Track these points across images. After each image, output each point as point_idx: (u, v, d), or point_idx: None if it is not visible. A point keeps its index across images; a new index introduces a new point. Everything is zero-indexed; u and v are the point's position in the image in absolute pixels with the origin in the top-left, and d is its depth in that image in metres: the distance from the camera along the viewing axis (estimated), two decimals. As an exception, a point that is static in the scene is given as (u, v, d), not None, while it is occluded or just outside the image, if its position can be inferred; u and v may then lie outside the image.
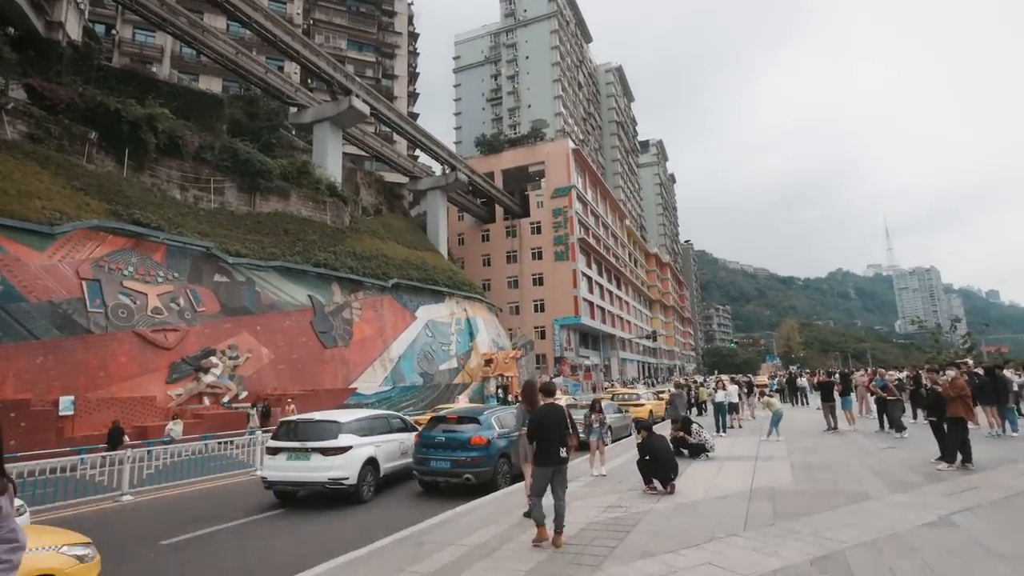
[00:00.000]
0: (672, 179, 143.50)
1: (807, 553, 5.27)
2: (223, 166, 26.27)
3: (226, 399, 20.59)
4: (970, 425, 9.28)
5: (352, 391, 25.84)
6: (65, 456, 12.85)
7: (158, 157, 23.92)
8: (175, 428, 16.01)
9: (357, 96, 34.62)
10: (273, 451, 9.59)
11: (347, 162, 39.86)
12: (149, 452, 11.65)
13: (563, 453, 5.91)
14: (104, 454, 11.80)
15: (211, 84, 39.11)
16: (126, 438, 14.69)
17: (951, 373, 9.58)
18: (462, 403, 23.23)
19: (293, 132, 37.98)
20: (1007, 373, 14.11)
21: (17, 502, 7.90)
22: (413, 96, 60.09)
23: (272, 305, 24.10)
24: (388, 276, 31.32)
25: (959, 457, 9.00)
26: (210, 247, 22.22)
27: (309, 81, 41.78)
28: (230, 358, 21.39)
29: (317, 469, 9.07)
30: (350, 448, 9.27)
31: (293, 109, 35.60)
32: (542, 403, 6.34)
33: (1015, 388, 13.62)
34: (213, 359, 20.65)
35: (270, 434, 11.44)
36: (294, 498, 9.71)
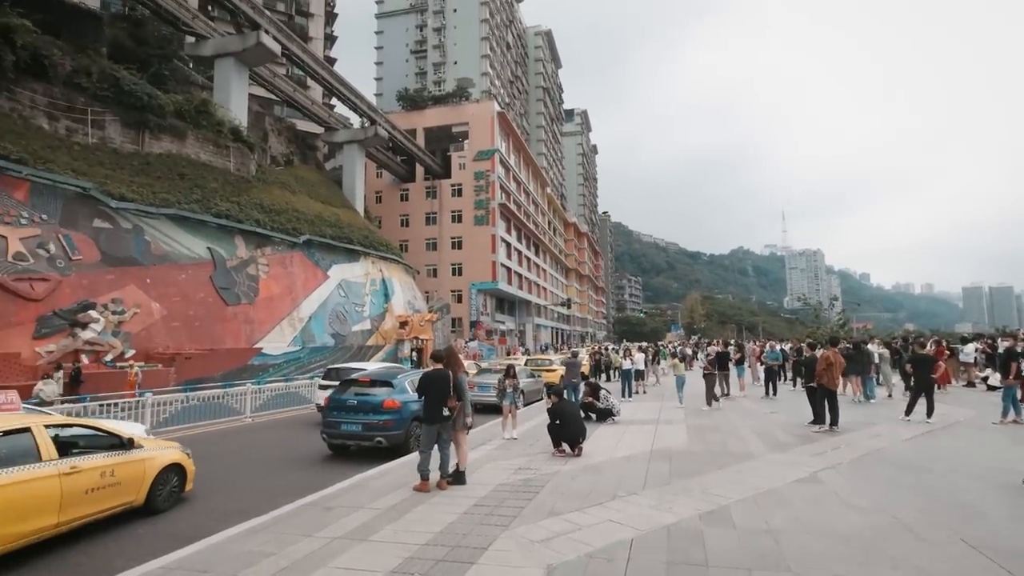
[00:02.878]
0: (594, 150, 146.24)
1: (697, 508, 5.74)
2: (103, 96, 23.06)
3: (109, 357, 18.70)
4: (838, 392, 10.48)
5: (257, 351, 24.45)
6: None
7: (17, 77, 20.48)
8: (46, 388, 14.29)
9: (267, 32, 31.59)
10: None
11: (254, 105, 36.58)
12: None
13: (445, 412, 6.66)
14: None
15: (89, -2, 33.92)
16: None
17: (825, 349, 10.78)
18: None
19: (190, 66, 34.13)
20: (870, 347, 16.06)
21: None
22: (330, 39, 55.96)
23: (164, 256, 21.96)
24: (299, 231, 29.56)
25: (828, 420, 10.17)
26: (88, 188, 19.66)
27: (210, 8, 37.47)
28: (114, 312, 19.35)
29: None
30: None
31: (190, 39, 31.84)
32: (430, 368, 7.05)
33: (876, 360, 15.55)
34: (93, 313, 18.57)
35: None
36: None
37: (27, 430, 5.39)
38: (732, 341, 27.05)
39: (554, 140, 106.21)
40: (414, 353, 31.99)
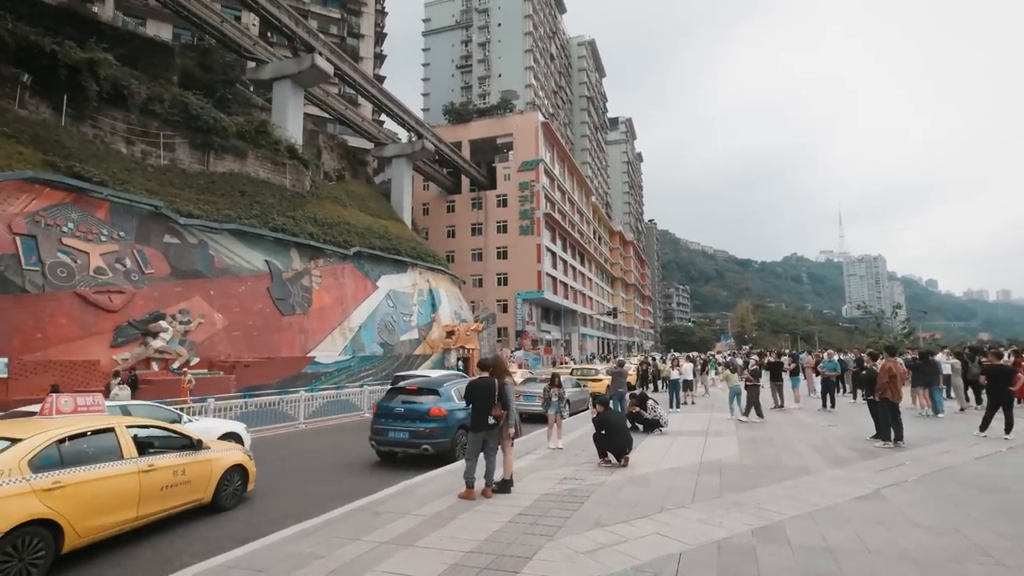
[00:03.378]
0: (639, 158, 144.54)
1: (749, 524, 5.53)
2: (173, 120, 24.77)
3: (176, 365, 19.88)
4: (901, 405, 9.87)
5: (310, 360, 25.37)
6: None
7: (100, 106, 22.31)
8: (121, 393, 15.34)
9: (320, 54, 33.06)
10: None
11: (309, 124, 38.29)
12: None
13: (490, 420, 6.67)
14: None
15: (160, 30, 36.55)
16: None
17: (883, 359, 10.20)
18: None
19: (251, 89, 36.09)
20: (939, 358, 15.06)
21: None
22: (380, 58, 57.93)
23: (226, 269, 23.21)
24: (350, 244, 30.58)
25: (892, 435, 9.59)
26: (160, 206, 21.09)
27: (269, 35, 39.59)
28: (181, 323, 20.58)
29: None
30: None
31: (251, 64, 33.74)
32: (476, 376, 7.09)
33: (945, 372, 14.56)
34: (163, 323, 19.82)
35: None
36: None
37: (111, 430, 5.87)
38: (785, 351, 25.97)
39: (598, 149, 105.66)
40: (460, 362, 32.38)
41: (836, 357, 17.99)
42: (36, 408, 7.01)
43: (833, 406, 15.30)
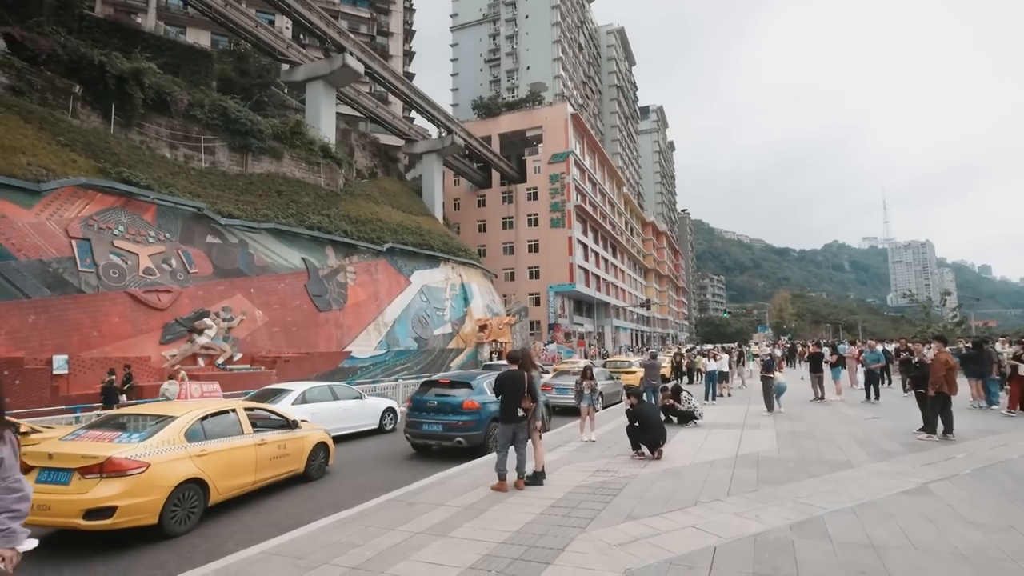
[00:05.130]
0: (671, 147, 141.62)
1: (787, 518, 5.41)
2: (213, 124, 25.61)
3: (220, 360, 20.66)
4: (952, 396, 9.43)
5: (346, 355, 25.97)
6: (60, 414, 12.95)
7: (146, 113, 23.24)
8: (170, 388, 16.00)
9: (351, 54, 33.57)
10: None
11: (341, 123, 38.98)
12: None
13: (520, 412, 6.73)
14: (100, 412, 11.87)
15: (199, 38, 37.82)
16: (123, 397, 14.73)
17: (934, 348, 9.71)
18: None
19: (285, 91, 36.95)
20: (996, 347, 14.29)
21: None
22: (409, 55, 58.40)
23: (265, 267, 23.94)
24: (383, 240, 31.07)
25: (940, 427, 9.18)
26: (202, 208, 21.89)
27: (301, 37, 40.44)
28: (224, 320, 21.36)
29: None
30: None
31: (285, 66, 34.53)
32: (506, 369, 7.16)
33: (1000, 361, 13.79)
34: (207, 320, 20.61)
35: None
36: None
37: (233, 411, 7.24)
38: (825, 341, 25.12)
39: (629, 139, 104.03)
40: (494, 356, 32.56)
41: (880, 347, 17.30)
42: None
43: (877, 398, 14.74)
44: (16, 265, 15.96)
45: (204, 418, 6.67)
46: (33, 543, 2.68)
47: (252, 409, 7.71)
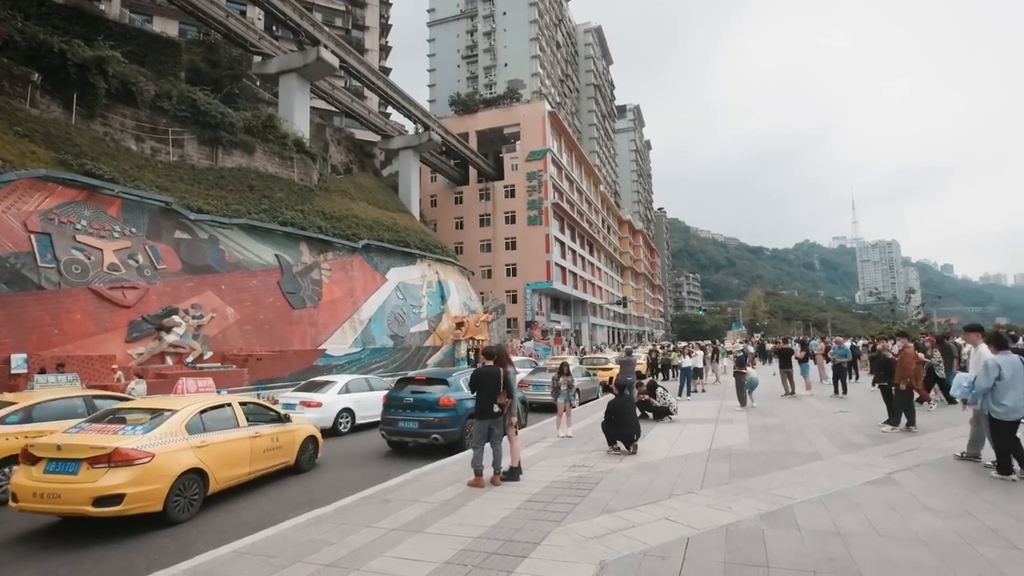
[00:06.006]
0: (648, 146, 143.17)
1: (758, 509, 5.53)
2: (182, 116, 24.88)
3: (190, 359, 20.14)
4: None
5: (321, 352, 25.57)
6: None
7: (109, 104, 22.44)
8: (138, 387, 15.55)
9: (326, 47, 33.00)
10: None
11: (315, 117, 38.32)
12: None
13: (496, 408, 6.76)
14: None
15: (166, 27, 36.72)
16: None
17: (899, 344, 10.03)
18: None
19: (258, 83, 36.16)
20: (957, 341, 14.81)
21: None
22: (385, 49, 57.75)
23: (237, 264, 23.40)
24: (358, 237, 30.68)
25: (904, 420, 9.49)
26: (170, 202, 21.26)
27: (275, 29, 39.64)
28: (193, 317, 20.81)
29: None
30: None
31: (257, 58, 33.77)
32: (481, 365, 7.21)
33: (960, 356, 14.30)
34: (176, 318, 20.06)
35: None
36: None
37: (229, 405, 7.57)
38: (793, 338, 25.77)
39: (606, 137, 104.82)
40: (471, 353, 32.46)
41: (847, 344, 17.81)
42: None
43: (845, 392, 15.18)
44: (-29, 260, 15.29)
45: (203, 411, 6.98)
46: None
47: (246, 404, 8.01)
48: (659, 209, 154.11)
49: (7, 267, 16.02)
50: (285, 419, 8.43)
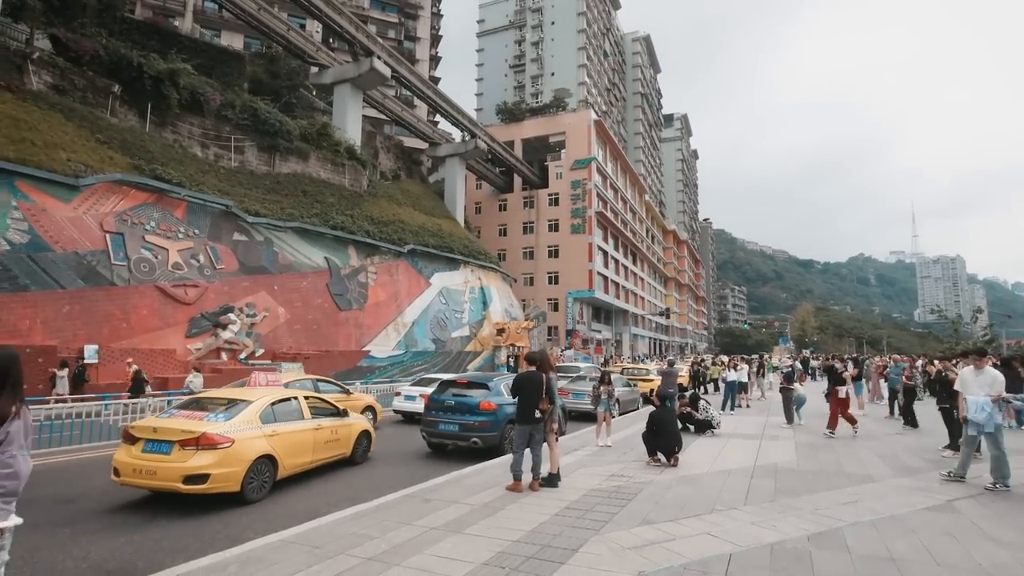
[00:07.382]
0: (695, 155, 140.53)
1: (805, 529, 5.34)
2: (243, 124, 26.26)
3: (243, 355, 21.09)
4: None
5: (365, 354, 26.29)
6: (90, 402, 13.37)
7: (180, 113, 23.97)
8: (195, 380, 16.41)
9: (379, 58, 34.10)
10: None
11: (367, 125, 39.57)
12: (169, 401, 12.05)
13: (537, 414, 6.80)
14: (127, 401, 12.24)
15: (233, 40, 38.82)
16: (148, 388, 15.15)
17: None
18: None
19: (313, 93, 37.68)
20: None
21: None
22: (435, 60, 59.05)
23: (289, 266, 24.40)
24: (404, 242, 31.42)
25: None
26: (230, 205, 22.43)
27: (331, 41, 41.21)
28: (248, 315, 21.82)
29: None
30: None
31: (314, 69, 35.22)
32: (523, 371, 7.26)
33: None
34: (231, 316, 21.08)
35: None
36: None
37: (295, 398, 8.14)
38: (846, 355, 24.64)
39: (652, 147, 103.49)
40: (511, 359, 32.60)
41: (918, 363, 16.90)
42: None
43: (901, 413, 14.38)
44: (53, 257, 16.57)
45: (274, 403, 7.59)
46: (16, 520, 2.57)
47: (309, 398, 8.52)
48: (705, 219, 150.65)
49: (84, 264, 17.27)
50: (343, 414, 8.95)
